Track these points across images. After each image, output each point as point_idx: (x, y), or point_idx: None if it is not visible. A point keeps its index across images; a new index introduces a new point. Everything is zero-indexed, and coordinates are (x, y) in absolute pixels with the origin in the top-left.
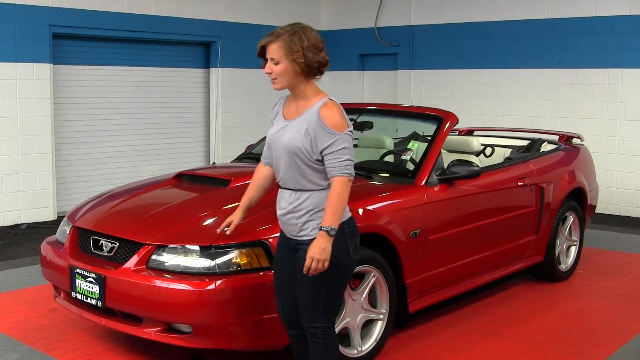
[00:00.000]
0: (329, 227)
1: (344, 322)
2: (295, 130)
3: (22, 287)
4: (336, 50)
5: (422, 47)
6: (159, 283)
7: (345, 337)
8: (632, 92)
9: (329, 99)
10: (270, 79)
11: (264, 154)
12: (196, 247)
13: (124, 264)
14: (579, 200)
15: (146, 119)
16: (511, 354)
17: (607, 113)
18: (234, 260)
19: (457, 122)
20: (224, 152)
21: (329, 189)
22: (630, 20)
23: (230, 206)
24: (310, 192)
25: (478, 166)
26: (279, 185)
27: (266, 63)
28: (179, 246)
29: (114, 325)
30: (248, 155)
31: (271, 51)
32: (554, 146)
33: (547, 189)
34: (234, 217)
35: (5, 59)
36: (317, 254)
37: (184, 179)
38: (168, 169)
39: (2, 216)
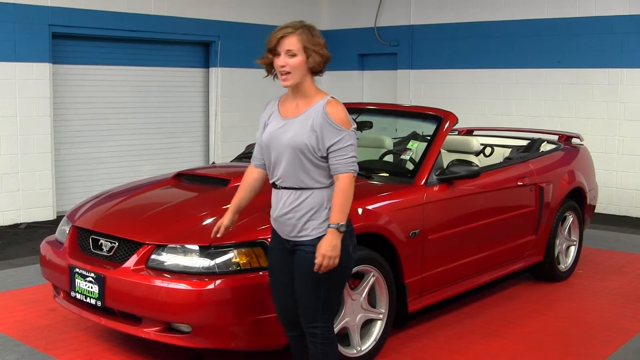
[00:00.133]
0: (338, 223)
1: (343, 321)
2: (299, 127)
3: (21, 287)
4: (336, 49)
5: (422, 47)
6: (158, 283)
7: (344, 336)
8: (632, 92)
9: (331, 97)
10: (282, 73)
11: (255, 156)
12: (195, 247)
13: (124, 263)
14: (578, 200)
15: (146, 118)
16: (511, 353)
17: (606, 113)
18: (233, 260)
19: (457, 122)
20: (224, 152)
21: (329, 187)
22: (630, 20)
23: (229, 206)
24: (312, 190)
25: (477, 166)
26: (275, 185)
27: (269, 58)
28: (178, 246)
29: (114, 324)
30: (247, 155)
31: (289, 43)
32: (553, 146)
33: (546, 189)
34: (223, 220)
35: (5, 58)
36: (328, 251)
37: (183, 178)
38: (167, 169)
39: (2, 216)
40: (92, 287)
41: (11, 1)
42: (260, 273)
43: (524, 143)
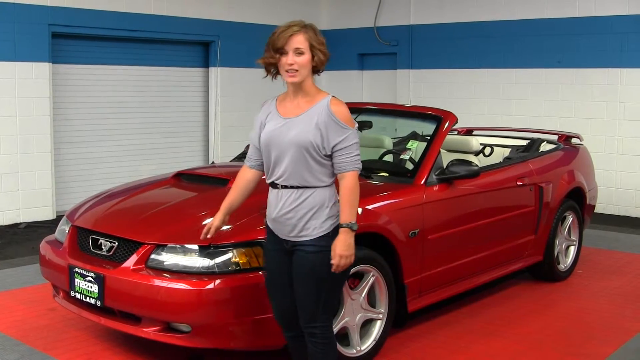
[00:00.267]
0: (350, 222)
1: (342, 321)
2: (303, 125)
3: (21, 287)
4: (335, 49)
5: (421, 47)
6: (158, 282)
7: (344, 336)
8: (632, 92)
9: (333, 96)
10: (290, 71)
11: (249, 156)
12: (195, 247)
13: (123, 263)
14: (578, 200)
15: (145, 118)
16: (510, 353)
17: (606, 113)
18: (232, 260)
19: (457, 122)
20: (223, 152)
21: (330, 186)
22: (629, 20)
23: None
24: (314, 189)
25: (477, 166)
26: (274, 185)
27: (276, 58)
28: (178, 245)
29: (113, 324)
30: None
31: (297, 41)
32: (553, 146)
33: (546, 189)
34: (214, 221)
35: (5, 58)
36: (344, 250)
37: (183, 178)
38: (167, 169)
39: (1, 215)
40: (91, 287)
41: (11, 1)
42: (260, 273)
43: (524, 143)
